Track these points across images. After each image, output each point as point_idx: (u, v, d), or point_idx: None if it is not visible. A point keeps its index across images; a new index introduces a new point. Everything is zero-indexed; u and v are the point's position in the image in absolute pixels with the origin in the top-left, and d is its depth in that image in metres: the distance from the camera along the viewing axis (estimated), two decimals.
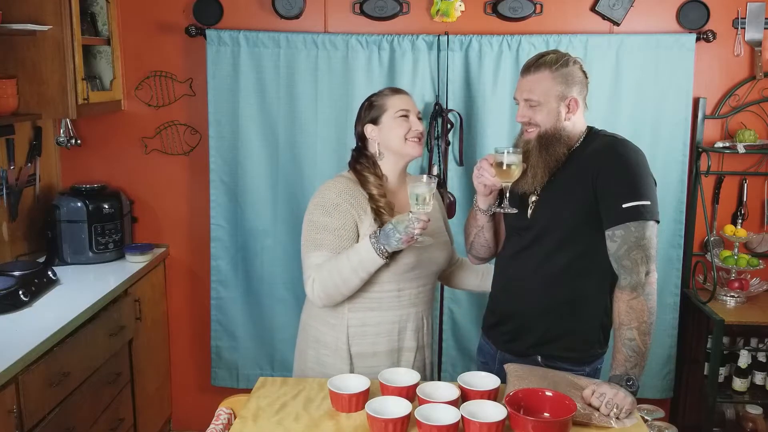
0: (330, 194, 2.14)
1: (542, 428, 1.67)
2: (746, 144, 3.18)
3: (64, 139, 3.34)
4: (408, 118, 2.17)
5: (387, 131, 2.17)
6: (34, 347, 2.25)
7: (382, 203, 2.13)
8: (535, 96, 2.01)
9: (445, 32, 3.20)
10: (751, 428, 3.24)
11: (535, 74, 2.02)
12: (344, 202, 2.11)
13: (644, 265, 1.93)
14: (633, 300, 1.92)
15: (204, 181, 3.41)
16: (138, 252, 3.28)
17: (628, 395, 1.82)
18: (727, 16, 3.25)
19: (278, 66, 3.25)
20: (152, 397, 3.38)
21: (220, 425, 1.88)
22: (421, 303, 2.22)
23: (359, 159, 2.22)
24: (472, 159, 3.26)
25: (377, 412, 1.70)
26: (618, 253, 1.95)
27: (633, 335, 1.90)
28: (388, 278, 2.13)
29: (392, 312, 2.17)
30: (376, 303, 2.15)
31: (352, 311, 2.16)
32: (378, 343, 2.16)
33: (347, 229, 2.10)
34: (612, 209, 1.95)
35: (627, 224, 1.93)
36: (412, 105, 2.21)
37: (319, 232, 2.11)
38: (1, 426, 2.08)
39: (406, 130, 2.16)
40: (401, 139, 2.16)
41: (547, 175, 2.04)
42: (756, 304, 3.26)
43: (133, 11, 3.34)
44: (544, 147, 2.03)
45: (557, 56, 2.02)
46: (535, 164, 2.03)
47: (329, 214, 2.11)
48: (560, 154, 2.03)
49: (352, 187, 2.15)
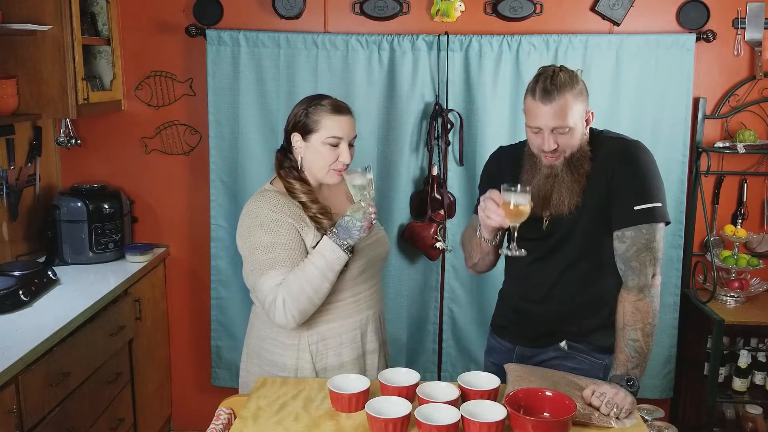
0: (264, 211, 2.00)
1: (542, 428, 1.67)
2: (746, 144, 3.18)
3: (64, 139, 3.34)
4: (338, 147, 2.01)
5: (312, 154, 2.03)
6: (34, 347, 2.25)
7: (315, 209, 2.02)
8: (567, 123, 1.92)
9: (445, 32, 3.20)
10: (751, 428, 3.23)
11: (559, 100, 1.90)
12: (282, 215, 1.99)
13: (651, 267, 1.94)
14: (639, 302, 1.92)
15: (204, 181, 3.41)
16: (138, 252, 3.28)
17: (628, 395, 1.81)
18: (727, 16, 3.25)
19: (278, 66, 3.25)
20: (152, 397, 3.38)
21: (220, 425, 1.88)
22: (375, 303, 2.17)
23: (284, 163, 2.09)
24: (472, 159, 3.27)
25: (377, 412, 1.70)
26: (627, 254, 1.94)
27: (637, 336, 1.90)
28: (343, 286, 2.05)
29: (352, 319, 2.10)
30: (334, 314, 2.07)
31: (310, 328, 2.05)
32: (343, 354, 2.10)
33: (296, 241, 1.98)
34: (623, 210, 1.95)
35: (638, 226, 1.93)
36: (348, 130, 2.03)
37: (269, 252, 1.96)
38: (1, 426, 2.08)
39: (332, 161, 2.02)
40: (324, 169, 2.03)
41: (581, 195, 1.99)
42: (756, 304, 3.25)
43: (133, 11, 3.34)
44: (574, 168, 1.98)
45: (568, 75, 1.93)
46: (569, 188, 1.98)
47: (272, 231, 1.97)
48: (587, 169, 1.99)
49: (282, 200, 2.02)
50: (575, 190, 1.98)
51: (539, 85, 1.92)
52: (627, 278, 1.96)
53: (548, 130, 1.93)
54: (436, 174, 3.26)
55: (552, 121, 1.91)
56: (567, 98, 1.90)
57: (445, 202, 3.28)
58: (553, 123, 1.91)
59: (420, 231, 3.25)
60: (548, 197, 2.00)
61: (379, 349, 2.19)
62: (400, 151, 3.29)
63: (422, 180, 3.32)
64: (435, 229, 3.24)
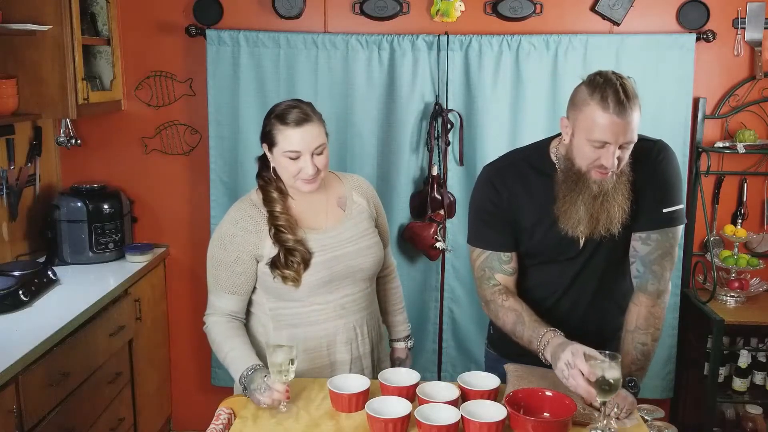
0: (225, 225, 2.05)
1: (542, 428, 1.67)
2: (746, 144, 3.18)
3: (64, 139, 3.34)
4: (298, 159, 1.95)
5: (278, 165, 2.00)
6: (34, 347, 2.25)
7: (282, 221, 1.98)
8: (634, 137, 1.77)
9: (445, 32, 3.20)
10: (751, 428, 3.23)
11: (632, 113, 1.74)
12: (241, 231, 2.01)
13: (669, 272, 1.91)
14: (654, 307, 1.90)
15: (204, 181, 3.41)
16: (138, 252, 3.28)
17: (628, 395, 1.81)
18: (727, 16, 3.25)
19: (278, 66, 3.25)
20: (152, 397, 3.38)
21: (220, 425, 1.88)
22: (350, 313, 2.08)
23: (262, 171, 2.07)
24: (472, 159, 3.27)
25: (377, 412, 1.70)
26: (650, 257, 1.89)
27: (646, 340, 1.89)
28: (304, 296, 2.02)
29: (317, 326, 2.05)
30: (298, 319, 2.05)
31: (277, 330, 2.06)
32: (306, 360, 2.05)
33: (241, 263, 2.01)
34: (651, 213, 1.89)
35: (665, 229, 1.89)
36: (308, 142, 1.93)
37: (215, 268, 2.05)
38: (1, 426, 2.08)
39: (296, 172, 1.96)
40: (291, 179, 1.99)
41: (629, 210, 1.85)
42: (756, 304, 3.25)
43: (133, 11, 3.34)
44: (620, 184, 1.85)
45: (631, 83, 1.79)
46: (621, 206, 1.84)
47: (224, 247, 2.03)
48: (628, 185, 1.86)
49: (249, 212, 2.03)
50: (625, 206, 1.84)
51: (611, 96, 1.72)
52: (646, 282, 1.90)
53: (617, 145, 1.75)
54: (436, 174, 3.26)
55: (623, 137, 1.74)
56: (636, 111, 1.75)
57: (445, 202, 3.28)
58: (623, 138, 1.75)
59: (420, 231, 3.25)
60: (596, 217, 1.85)
61: (351, 362, 2.10)
62: (400, 151, 3.29)
63: (422, 180, 3.32)
64: (435, 229, 3.24)
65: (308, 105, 2.02)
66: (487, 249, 1.99)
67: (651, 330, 1.89)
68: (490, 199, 1.98)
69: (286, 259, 1.97)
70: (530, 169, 1.96)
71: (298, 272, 1.98)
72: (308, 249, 2.00)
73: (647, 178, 1.91)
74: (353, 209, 2.13)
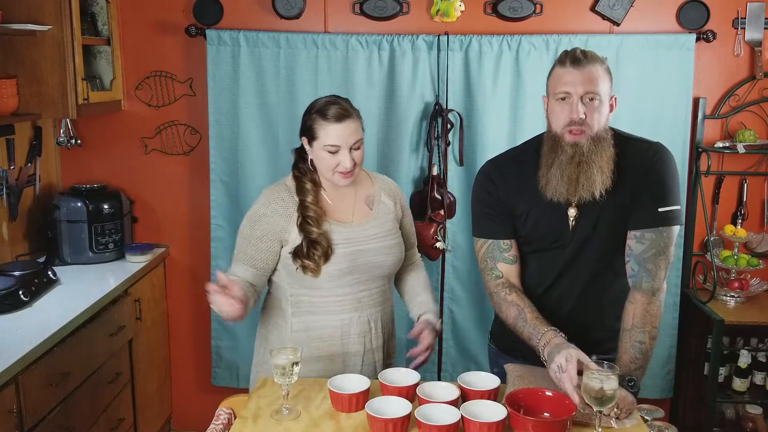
0: (258, 204, 2.12)
1: (542, 428, 1.67)
2: (746, 144, 3.18)
3: (64, 139, 3.34)
4: (337, 153, 2.03)
5: (317, 158, 2.08)
6: (34, 347, 2.25)
7: (311, 212, 2.06)
8: (598, 89, 1.85)
9: (445, 32, 3.20)
10: (751, 428, 3.23)
11: (588, 67, 1.86)
12: (271, 212, 2.08)
13: (664, 271, 1.93)
14: (650, 305, 1.91)
15: (204, 181, 3.41)
16: (138, 252, 3.28)
17: (628, 395, 1.81)
18: (727, 16, 3.25)
19: (278, 66, 3.25)
20: (152, 397, 3.38)
21: (220, 425, 1.88)
22: (366, 307, 2.15)
23: (299, 163, 2.15)
24: (472, 159, 3.27)
25: (377, 412, 1.70)
26: (644, 255, 1.92)
27: (644, 339, 1.89)
28: (323, 284, 2.08)
29: (333, 316, 2.12)
30: (316, 307, 2.12)
31: (296, 315, 2.14)
32: (320, 348, 2.13)
33: (266, 241, 2.07)
34: (647, 211, 1.92)
35: (660, 228, 1.91)
36: (346, 137, 2.02)
37: (241, 243, 2.11)
38: (1, 426, 2.08)
39: (335, 165, 2.04)
40: (329, 171, 2.06)
41: (611, 176, 1.89)
42: (756, 304, 3.25)
43: (133, 11, 3.34)
44: (602, 149, 1.89)
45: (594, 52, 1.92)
46: (599, 167, 1.87)
47: (253, 223, 2.10)
48: (609, 155, 1.90)
49: (282, 195, 2.10)
50: (605, 171, 1.88)
51: (569, 55, 1.89)
52: (641, 280, 1.92)
53: (578, 96, 1.86)
54: (436, 174, 3.26)
55: (582, 86, 1.85)
56: (597, 67, 1.87)
57: (445, 202, 3.28)
58: (583, 88, 1.85)
59: (420, 231, 3.24)
60: (575, 180, 1.89)
61: (363, 353, 2.17)
62: (400, 151, 3.29)
63: (422, 180, 3.32)
64: (435, 229, 3.24)
65: (346, 101, 2.10)
66: (488, 238, 2.06)
67: (648, 328, 1.90)
68: (487, 190, 2.07)
69: (308, 250, 2.05)
70: (525, 160, 2.04)
71: (318, 264, 2.05)
72: (331, 242, 2.07)
73: (643, 178, 1.94)
74: (380, 209, 2.19)
